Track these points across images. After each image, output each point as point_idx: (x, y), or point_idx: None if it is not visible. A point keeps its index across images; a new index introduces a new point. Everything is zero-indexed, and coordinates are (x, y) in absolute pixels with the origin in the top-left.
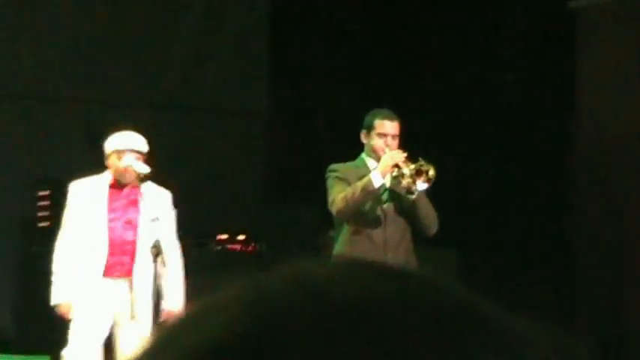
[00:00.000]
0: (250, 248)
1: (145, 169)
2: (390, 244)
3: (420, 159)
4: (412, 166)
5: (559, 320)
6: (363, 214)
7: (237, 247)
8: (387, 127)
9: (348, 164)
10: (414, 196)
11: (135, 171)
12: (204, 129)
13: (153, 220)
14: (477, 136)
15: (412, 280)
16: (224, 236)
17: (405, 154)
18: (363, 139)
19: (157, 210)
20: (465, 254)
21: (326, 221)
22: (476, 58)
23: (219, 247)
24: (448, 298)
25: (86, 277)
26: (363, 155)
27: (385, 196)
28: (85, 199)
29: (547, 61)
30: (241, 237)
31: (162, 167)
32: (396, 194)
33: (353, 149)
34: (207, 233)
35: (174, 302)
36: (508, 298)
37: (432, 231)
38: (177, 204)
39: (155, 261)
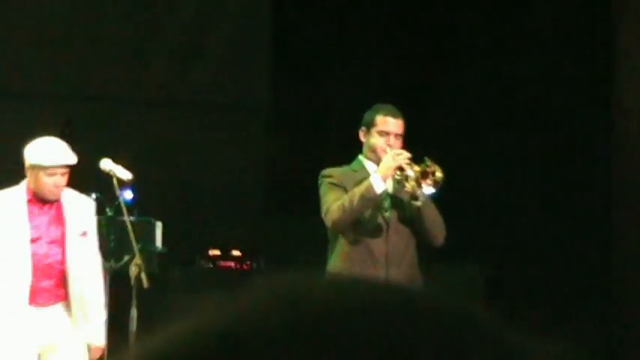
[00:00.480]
0: (246, 266)
1: (128, 174)
2: (392, 258)
3: (426, 159)
4: (417, 168)
5: (596, 340)
6: (362, 224)
7: (231, 264)
8: (390, 124)
9: (344, 168)
10: (419, 203)
11: (116, 177)
12: (195, 126)
13: (82, 234)
14: (498, 136)
15: (398, 294)
16: (216, 251)
17: (410, 155)
18: (362, 137)
19: (84, 222)
20: (491, 270)
21: None
22: (496, 45)
23: (210, 265)
24: (436, 314)
25: (7, 306)
26: (361, 157)
27: (387, 203)
28: (1, 216)
29: (581, 47)
30: (236, 253)
31: (145, 169)
32: (399, 200)
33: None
34: (196, 248)
35: (97, 336)
36: (540, 317)
37: (440, 241)
38: (159, 212)
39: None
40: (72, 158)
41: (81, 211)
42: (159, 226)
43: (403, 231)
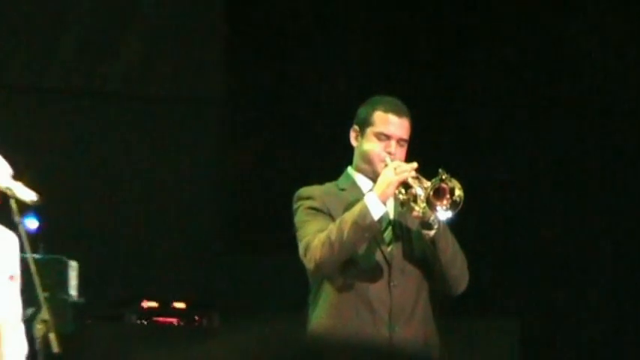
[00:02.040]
0: (194, 322)
1: (31, 195)
2: (398, 311)
3: (441, 171)
4: (428, 184)
5: None
6: (355, 264)
7: (173, 320)
8: (393, 124)
9: (328, 186)
10: (432, 232)
11: (15, 198)
12: (125, 121)
13: (10, 277)
14: (530, 146)
15: None
16: (152, 303)
17: (416, 166)
18: (353, 141)
19: (12, 263)
20: (530, 325)
21: None
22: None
23: (144, 321)
24: None
25: None
26: (351, 170)
27: (388, 234)
28: None
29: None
30: (180, 305)
31: (54, 186)
32: (405, 230)
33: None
34: (125, 297)
35: None
36: None
37: (461, 287)
38: (74, 247)
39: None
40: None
41: (6, 248)
42: (73, 267)
43: (412, 272)
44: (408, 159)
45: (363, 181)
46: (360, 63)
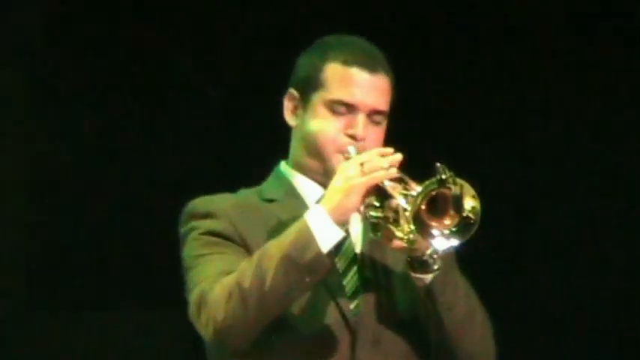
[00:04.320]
0: None
1: None
2: None
3: (440, 168)
4: (418, 191)
5: None
6: (290, 330)
7: None
8: (360, 86)
9: (243, 195)
10: (429, 276)
11: None
12: None
13: None
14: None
15: None
16: None
17: (400, 158)
18: (289, 116)
19: None
20: None
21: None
22: None
23: None
24: None
25: None
26: (285, 167)
27: (351, 280)
28: None
29: None
30: None
31: None
32: (380, 271)
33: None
34: None
35: None
36: None
37: None
38: None
39: None
40: None
41: None
42: None
43: (392, 346)
44: (387, 146)
45: (305, 186)
46: None
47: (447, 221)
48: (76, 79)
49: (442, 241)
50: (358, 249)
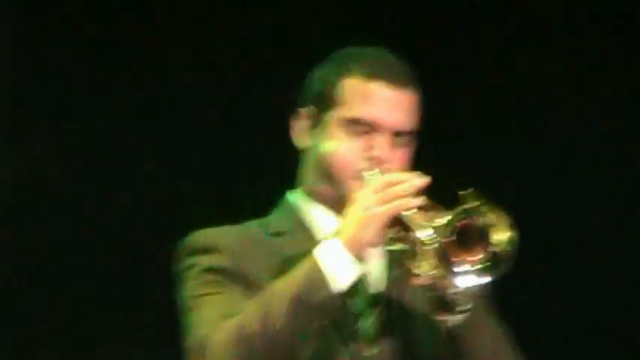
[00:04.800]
0: None
1: None
2: None
3: (469, 194)
4: (445, 219)
5: None
6: None
7: None
8: (382, 102)
9: (246, 228)
10: (456, 317)
11: None
12: None
13: None
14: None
15: None
16: None
17: (426, 183)
18: (298, 139)
19: None
20: None
21: None
22: None
23: None
24: None
25: None
26: (294, 196)
27: (370, 323)
28: None
29: None
30: None
31: None
32: (402, 313)
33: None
34: None
35: None
36: None
37: None
38: None
39: None
40: None
41: None
42: None
43: None
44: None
45: (317, 217)
46: None
47: (477, 256)
48: (76, 79)
49: (469, 278)
50: (376, 288)
